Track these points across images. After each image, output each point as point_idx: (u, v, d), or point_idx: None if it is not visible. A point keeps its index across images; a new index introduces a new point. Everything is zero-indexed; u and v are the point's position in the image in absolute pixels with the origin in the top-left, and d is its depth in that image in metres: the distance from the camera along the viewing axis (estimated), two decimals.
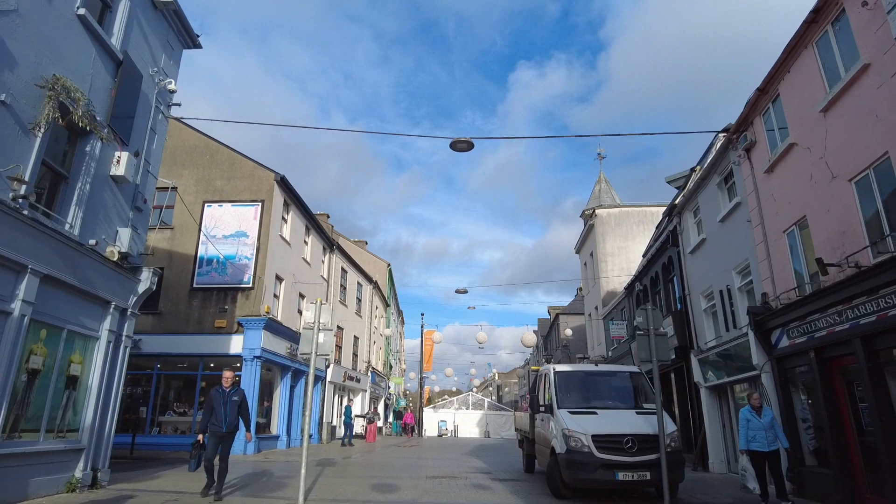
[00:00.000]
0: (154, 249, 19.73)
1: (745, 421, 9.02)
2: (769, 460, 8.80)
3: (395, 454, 19.92)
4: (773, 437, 8.78)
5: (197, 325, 18.86)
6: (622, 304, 24.98)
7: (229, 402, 8.71)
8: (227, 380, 8.88)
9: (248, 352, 18.20)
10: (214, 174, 20.79)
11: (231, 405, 8.73)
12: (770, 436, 8.78)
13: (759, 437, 8.80)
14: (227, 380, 8.89)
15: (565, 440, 9.38)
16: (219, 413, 8.59)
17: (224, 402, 8.67)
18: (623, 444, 9.06)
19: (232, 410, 8.72)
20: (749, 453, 9.04)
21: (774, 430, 8.82)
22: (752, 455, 8.98)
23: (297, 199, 22.31)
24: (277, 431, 20.54)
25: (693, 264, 15.44)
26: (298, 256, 22.75)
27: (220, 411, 8.60)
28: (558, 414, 10.00)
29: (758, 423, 8.85)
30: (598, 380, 11.26)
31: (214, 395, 8.67)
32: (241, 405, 8.90)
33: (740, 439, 9.12)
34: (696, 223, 15.58)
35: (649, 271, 20.01)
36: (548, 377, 11.25)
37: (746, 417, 9.02)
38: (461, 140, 10.98)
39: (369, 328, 35.05)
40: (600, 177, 37.18)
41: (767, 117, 10.98)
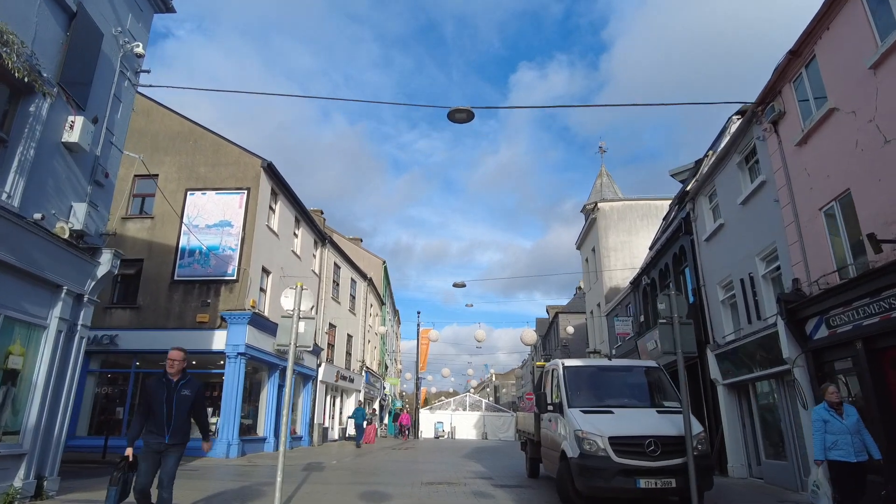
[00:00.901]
0: (133, 240, 18.60)
1: (821, 423, 6.89)
2: (857, 475, 6.68)
3: (389, 457, 18.78)
4: (860, 443, 6.69)
5: (178, 320, 17.69)
6: (627, 300, 23.90)
7: (177, 400, 5.76)
8: (173, 364, 5.86)
9: (232, 348, 17.04)
10: (198, 161, 19.63)
11: (180, 404, 5.78)
12: (857, 442, 6.68)
13: (843, 443, 6.66)
14: (175, 364, 5.87)
15: (578, 443, 8.28)
16: (159, 415, 5.68)
17: (168, 400, 5.73)
18: (644, 448, 7.97)
19: (181, 411, 5.77)
20: (831, 465, 6.78)
21: (861, 434, 6.73)
22: (836, 468, 6.73)
23: (285, 188, 21.16)
24: (264, 433, 19.38)
25: (709, 253, 14.36)
26: (287, 249, 21.60)
27: (162, 412, 5.69)
28: (569, 414, 8.91)
29: (839, 426, 6.74)
30: (613, 375, 10.16)
31: (153, 389, 5.78)
32: (194, 403, 5.96)
33: (815, 447, 6.96)
34: (711, 208, 14.51)
35: (658, 263, 18.93)
36: (556, 373, 10.15)
37: (823, 418, 6.89)
38: (460, 109, 9.88)
39: (363, 326, 33.90)
40: (601, 171, 36.13)
41: (799, 84, 9.91)
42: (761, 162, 11.36)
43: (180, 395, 5.81)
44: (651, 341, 19.05)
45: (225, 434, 16.35)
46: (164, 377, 5.86)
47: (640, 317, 21.65)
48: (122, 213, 18.98)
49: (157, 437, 5.67)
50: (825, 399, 7.07)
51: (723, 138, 16.14)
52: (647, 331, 20.13)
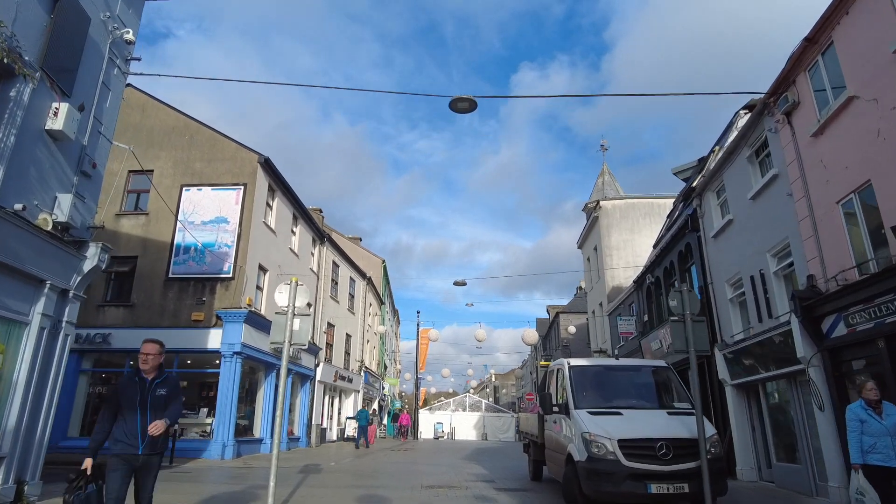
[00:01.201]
0: (127, 237, 18.23)
1: (857, 423, 6.17)
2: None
3: (388, 459, 18.39)
4: None
5: (172, 319, 17.30)
6: (630, 299, 23.53)
7: (152, 402, 4.77)
8: (147, 359, 4.84)
9: (227, 347, 16.65)
10: (194, 156, 19.25)
11: (156, 407, 4.78)
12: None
13: (883, 445, 5.97)
14: (149, 359, 4.85)
15: (586, 446, 7.91)
16: (131, 421, 4.67)
17: (143, 402, 4.74)
18: (656, 451, 7.60)
19: (157, 416, 4.74)
20: (866, 469, 6.03)
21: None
22: (873, 473, 5.98)
23: (283, 184, 20.78)
24: (261, 434, 18.99)
25: (717, 250, 13.99)
26: (285, 246, 21.21)
27: (135, 418, 4.68)
28: (576, 415, 8.53)
29: (878, 427, 6.03)
30: (620, 375, 9.78)
31: (124, 389, 4.78)
32: (168, 400, 4.88)
33: (851, 449, 6.24)
34: (719, 204, 14.13)
35: (662, 261, 18.56)
36: (561, 373, 9.78)
37: (860, 417, 6.17)
38: (462, 98, 9.51)
39: (362, 326, 33.52)
40: (603, 169, 35.76)
41: (815, 72, 9.54)
42: (773, 155, 10.98)
43: (155, 396, 4.78)
44: (656, 341, 18.68)
45: (220, 435, 15.96)
46: (137, 375, 4.84)
47: (643, 316, 21.27)
48: (116, 210, 18.61)
49: (128, 446, 4.63)
50: (861, 396, 6.32)
51: (730, 133, 15.78)
52: (651, 330, 19.76)
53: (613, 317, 26.38)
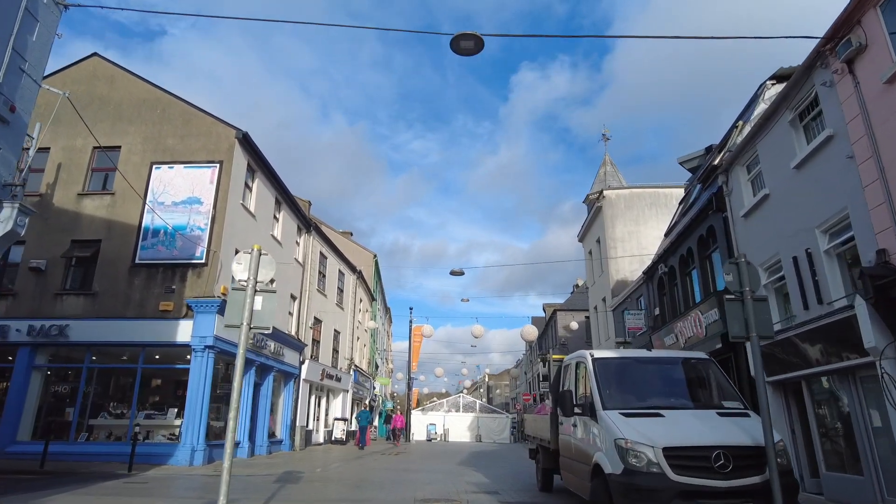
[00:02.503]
0: (91, 219, 16.50)
1: None
2: None
3: (377, 464, 16.73)
4: None
5: (138, 309, 15.57)
6: (639, 293, 22.00)
7: None
8: None
9: (198, 340, 14.94)
10: (166, 131, 17.52)
11: None
12: None
13: None
14: None
15: (621, 455, 6.31)
16: None
17: None
18: (712, 462, 6.01)
19: None
20: None
21: None
22: None
23: (264, 165, 19.08)
24: (239, 437, 17.25)
25: (748, 230, 12.45)
26: (266, 232, 19.51)
27: None
28: (605, 417, 6.94)
29: None
30: (654, 369, 8.19)
31: None
32: None
33: None
34: (750, 179, 12.60)
35: (678, 248, 17.02)
36: (583, 367, 8.19)
37: None
38: (466, 35, 7.89)
39: (352, 322, 31.81)
40: (605, 159, 34.25)
41: (889, 8, 8.00)
42: (827, 114, 9.43)
43: None
44: (670, 336, 17.14)
45: (189, 438, 14.24)
46: None
47: (654, 310, 19.74)
48: (78, 189, 16.87)
49: None
50: None
51: (755, 105, 14.26)
52: (663, 325, 18.22)
53: (619, 312, 24.85)
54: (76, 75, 18.14)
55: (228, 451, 5.82)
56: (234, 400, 6.04)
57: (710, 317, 14.05)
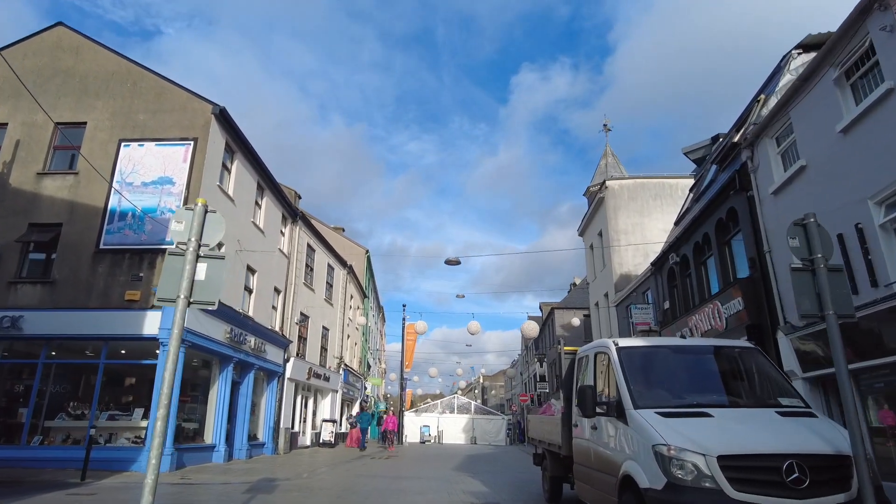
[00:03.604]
0: (51, 200, 15.06)
1: None
2: None
3: (366, 470, 15.32)
4: None
5: (102, 298, 14.12)
6: (645, 286, 20.70)
7: None
8: None
9: (167, 332, 13.40)
10: (136, 106, 16.07)
11: None
12: None
13: None
14: None
15: (662, 465, 4.98)
16: None
17: None
18: (783, 474, 4.68)
19: None
20: None
21: None
22: None
23: (244, 145, 17.65)
24: (213, 440, 15.80)
25: (779, 208, 11.15)
26: (246, 219, 18.07)
27: None
28: (638, 418, 5.60)
29: None
30: (691, 360, 6.83)
31: None
32: None
33: None
34: (781, 152, 11.31)
35: (693, 235, 15.72)
36: (605, 358, 6.85)
37: None
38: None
39: (342, 320, 30.37)
40: (606, 150, 33.03)
41: None
42: (884, 64, 8.14)
43: None
44: (683, 331, 15.82)
45: None
46: None
47: (663, 304, 18.44)
48: (38, 168, 15.41)
49: None
50: None
51: (780, 76, 13.00)
52: (674, 319, 16.91)
53: (623, 307, 23.55)
54: (38, 46, 16.69)
55: (153, 462, 4.43)
56: (164, 395, 4.68)
57: (731, 307, 12.75)
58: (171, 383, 4.68)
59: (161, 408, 4.57)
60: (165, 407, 4.60)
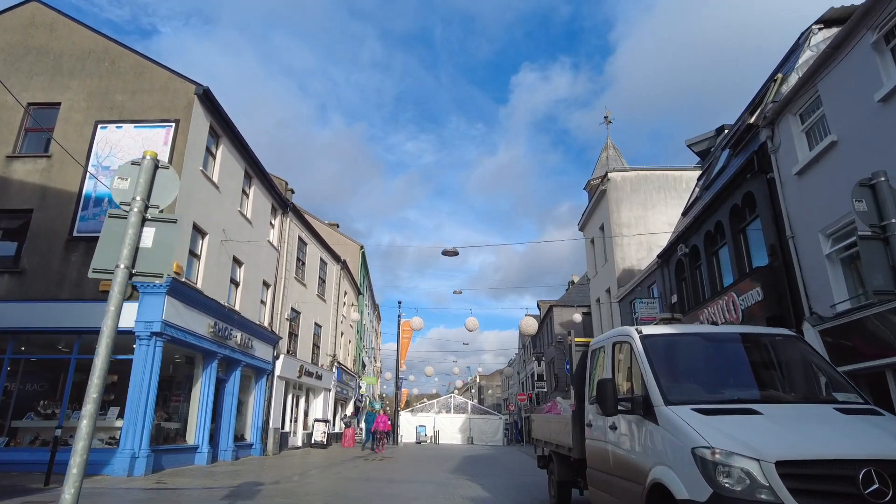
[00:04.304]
0: (21, 185, 14.11)
1: None
2: None
3: (357, 472, 14.43)
4: None
5: (74, 289, 13.18)
6: (651, 280, 19.86)
7: None
8: None
9: (144, 326, 12.56)
10: (114, 86, 15.12)
11: None
12: None
13: None
14: None
15: (705, 472, 4.11)
16: None
17: None
18: (858, 483, 3.82)
19: None
20: None
21: None
22: None
23: (231, 130, 16.72)
24: (195, 441, 14.85)
25: (804, 190, 10.31)
26: (233, 207, 17.13)
27: None
28: (671, 415, 4.73)
29: None
30: (727, 349, 5.96)
31: None
32: None
33: None
34: (805, 130, 10.47)
35: (704, 225, 14.88)
36: (627, 349, 5.97)
37: None
38: None
39: (335, 316, 29.45)
40: (608, 143, 32.20)
41: None
42: None
43: None
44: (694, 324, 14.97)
45: (129, 443, 11.85)
46: None
47: (671, 297, 17.60)
48: (7, 151, 14.44)
49: None
50: None
51: (800, 53, 12.18)
52: (683, 313, 16.06)
53: (626, 302, 22.72)
54: (10, 23, 15.73)
55: (74, 472, 3.56)
56: (94, 387, 3.79)
57: (748, 298, 11.91)
58: (102, 372, 3.79)
59: (88, 402, 3.69)
60: (94, 402, 3.74)
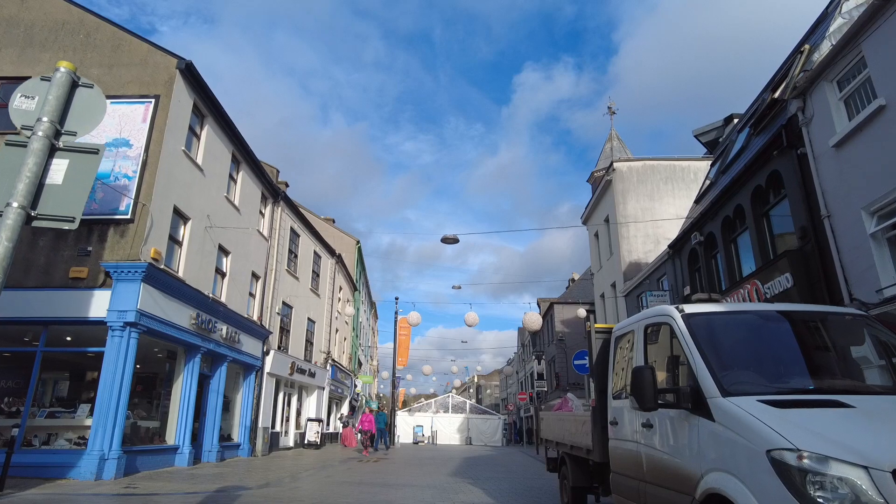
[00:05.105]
0: None
1: None
2: None
3: (350, 475, 13.41)
4: None
5: (42, 276, 12.13)
6: (661, 272, 18.88)
7: None
8: None
9: (117, 315, 11.52)
10: (90, 59, 14.06)
11: None
12: None
13: None
14: None
15: (789, 481, 3.12)
16: None
17: None
18: None
19: None
20: None
21: None
22: None
23: (217, 110, 15.68)
24: (175, 441, 13.81)
25: (842, 164, 9.34)
26: (218, 193, 16.09)
27: None
28: (733, 408, 3.77)
29: None
30: (790, 331, 4.96)
31: None
32: None
33: None
34: (843, 98, 9.49)
35: (721, 211, 13.90)
36: (669, 331, 4.96)
37: None
38: None
39: (330, 312, 28.42)
40: (612, 134, 31.26)
41: None
42: None
43: None
44: None
45: (98, 443, 10.80)
46: None
47: (683, 289, 16.63)
48: None
49: None
50: None
51: (830, 21, 11.20)
52: None
53: (633, 297, 21.76)
54: None
55: None
56: None
57: (776, 285, 10.92)
58: None
59: None
60: None
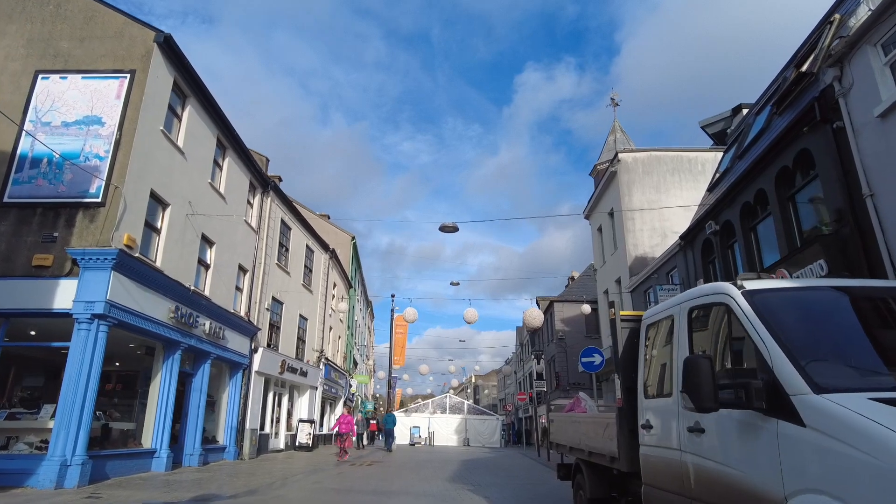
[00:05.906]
0: None
1: None
2: None
3: (342, 481, 12.39)
4: None
5: (3, 264, 11.09)
6: (671, 265, 17.90)
7: None
8: None
9: (83, 306, 10.48)
10: (60, 31, 13.04)
11: None
12: None
13: None
14: None
15: None
16: None
17: None
18: None
19: None
20: None
21: None
22: None
23: (200, 90, 14.64)
24: (152, 444, 12.76)
25: (889, 136, 8.37)
26: (201, 178, 15.05)
27: None
28: (832, 408, 2.75)
29: None
30: (877, 310, 3.98)
31: None
32: None
33: None
34: (888, 64, 8.52)
35: (739, 196, 12.94)
36: (726, 314, 3.96)
37: None
38: None
39: (323, 308, 27.38)
40: (615, 126, 30.30)
41: None
42: None
43: None
44: None
45: (60, 447, 9.76)
46: None
47: (696, 282, 15.64)
48: None
49: None
50: None
51: None
52: None
53: (640, 293, 20.78)
54: None
55: None
56: None
57: (806, 274, 9.93)
58: None
59: None
60: None
